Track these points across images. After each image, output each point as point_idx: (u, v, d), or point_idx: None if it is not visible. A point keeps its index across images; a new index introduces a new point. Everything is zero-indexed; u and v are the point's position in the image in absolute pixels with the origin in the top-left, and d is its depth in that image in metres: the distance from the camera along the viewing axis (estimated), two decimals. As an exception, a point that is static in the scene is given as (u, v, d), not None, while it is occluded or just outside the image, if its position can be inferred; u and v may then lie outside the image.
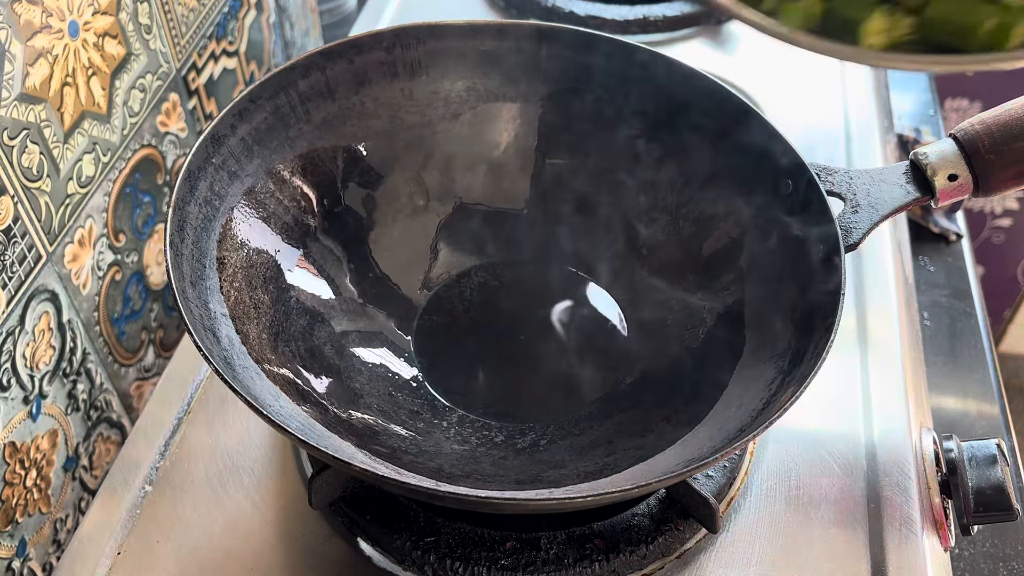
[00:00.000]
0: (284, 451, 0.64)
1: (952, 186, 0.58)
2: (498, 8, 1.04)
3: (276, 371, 0.58)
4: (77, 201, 0.67)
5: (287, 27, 1.03)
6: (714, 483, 0.59)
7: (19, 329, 0.61)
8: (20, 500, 0.64)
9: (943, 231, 0.95)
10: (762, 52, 0.98)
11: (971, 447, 0.60)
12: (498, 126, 0.72)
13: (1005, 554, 0.68)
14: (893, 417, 0.65)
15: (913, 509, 0.59)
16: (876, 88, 0.94)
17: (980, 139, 0.57)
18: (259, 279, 0.61)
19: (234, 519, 0.60)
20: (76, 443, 0.70)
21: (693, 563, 0.57)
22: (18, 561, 0.65)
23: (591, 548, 0.56)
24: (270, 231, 0.63)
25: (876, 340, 0.70)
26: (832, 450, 0.63)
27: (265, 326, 0.60)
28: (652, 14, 0.99)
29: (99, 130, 0.68)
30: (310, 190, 0.66)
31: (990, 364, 0.83)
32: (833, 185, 0.60)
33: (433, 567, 0.56)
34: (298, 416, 0.55)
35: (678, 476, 0.48)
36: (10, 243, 0.59)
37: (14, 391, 0.62)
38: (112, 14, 0.68)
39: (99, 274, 0.71)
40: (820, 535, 0.58)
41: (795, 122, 0.87)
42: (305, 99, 0.66)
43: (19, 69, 0.58)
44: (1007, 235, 1.80)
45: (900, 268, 0.78)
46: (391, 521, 0.57)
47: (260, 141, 0.63)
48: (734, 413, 0.56)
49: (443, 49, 0.69)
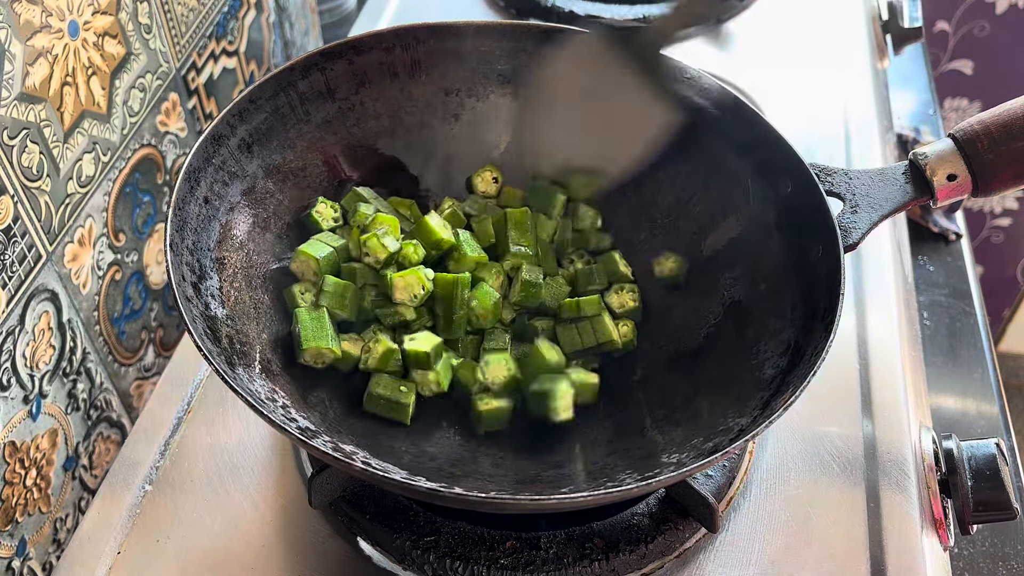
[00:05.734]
0: (284, 451, 0.64)
1: (951, 186, 0.58)
2: (498, 8, 1.04)
3: (276, 371, 0.58)
4: (77, 201, 0.67)
5: (287, 27, 1.03)
6: (714, 483, 0.59)
7: (19, 329, 0.61)
8: (20, 499, 0.64)
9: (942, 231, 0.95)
10: (762, 52, 0.98)
11: (970, 447, 0.60)
12: (498, 126, 0.72)
13: (1004, 553, 0.68)
14: (892, 417, 0.65)
15: (912, 508, 0.59)
16: (876, 88, 0.95)
17: (979, 139, 0.57)
18: (259, 279, 0.61)
19: (234, 519, 0.60)
20: (76, 442, 0.70)
21: (692, 562, 0.57)
22: (18, 560, 0.65)
23: (591, 547, 0.56)
24: (270, 231, 0.63)
25: (876, 340, 0.70)
26: (832, 450, 0.63)
27: (265, 326, 0.60)
28: (652, 14, 0.99)
29: (99, 130, 0.68)
30: (310, 190, 0.66)
31: (989, 364, 0.83)
32: (832, 185, 0.60)
33: (433, 566, 0.56)
34: (298, 416, 0.55)
35: (678, 476, 0.48)
36: (10, 243, 0.60)
37: (14, 390, 0.62)
38: (112, 14, 0.68)
39: (99, 274, 0.71)
40: (819, 534, 0.58)
41: (795, 122, 0.87)
42: (305, 99, 0.66)
43: (19, 69, 0.58)
44: (1006, 235, 1.80)
45: (900, 268, 0.79)
46: (391, 521, 0.57)
47: (260, 141, 0.63)
48: (733, 413, 0.56)
49: (443, 49, 0.69)
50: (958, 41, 1.60)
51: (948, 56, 1.62)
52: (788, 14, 1.04)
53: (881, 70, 1.00)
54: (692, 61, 0.67)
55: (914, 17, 1.00)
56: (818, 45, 0.99)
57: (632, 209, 0.70)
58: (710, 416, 0.57)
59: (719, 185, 0.66)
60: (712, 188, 0.67)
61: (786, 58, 0.98)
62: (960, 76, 1.64)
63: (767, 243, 0.63)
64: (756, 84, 0.92)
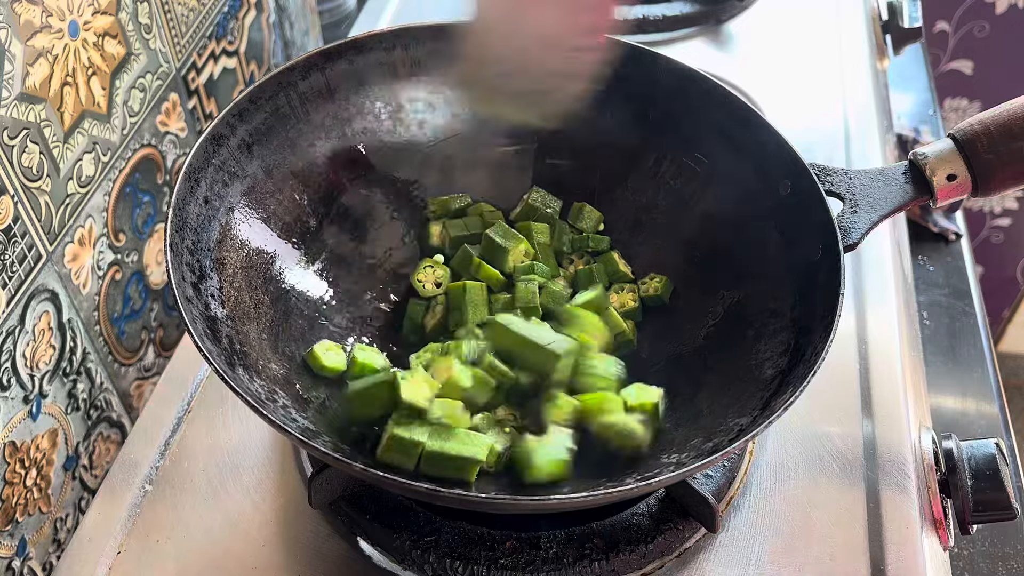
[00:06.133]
0: (284, 451, 0.64)
1: (951, 186, 0.58)
2: (498, 8, 1.04)
3: (276, 371, 0.58)
4: (77, 201, 0.67)
5: (287, 27, 1.03)
6: (714, 483, 0.59)
7: (19, 329, 0.61)
8: (20, 499, 0.64)
9: (942, 231, 0.95)
10: (762, 52, 0.98)
11: (970, 447, 0.61)
12: (498, 126, 0.72)
13: (1004, 553, 0.68)
14: (892, 417, 0.65)
15: (912, 508, 0.59)
16: (876, 88, 0.95)
17: (979, 139, 0.57)
18: (259, 279, 0.61)
19: (234, 519, 0.60)
20: (76, 442, 0.70)
21: (692, 562, 0.57)
22: (18, 560, 0.65)
23: (591, 547, 0.56)
24: (270, 231, 0.63)
25: (875, 340, 0.70)
26: (831, 450, 0.63)
27: (265, 326, 0.60)
28: (652, 14, 0.99)
29: (99, 130, 0.69)
30: (310, 190, 0.67)
31: (989, 364, 0.83)
32: (832, 185, 0.60)
33: (433, 566, 0.56)
34: (298, 416, 0.55)
35: (678, 476, 0.48)
36: (10, 243, 0.60)
37: (14, 390, 0.62)
38: (112, 14, 0.68)
39: (99, 274, 0.71)
40: (819, 534, 0.58)
41: (795, 122, 0.87)
42: (305, 99, 0.66)
43: (19, 69, 0.58)
44: (1006, 235, 1.80)
45: (899, 268, 0.79)
46: (391, 520, 0.57)
47: (260, 141, 0.63)
48: (734, 413, 0.56)
49: (443, 49, 0.69)
50: (958, 41, 1.60)
51: (948, 56, 1.62)
52: (788, 14, 1.04)
53: (881, 70, 1.00)
54: (692, 61, 0.67)
55: (914, 17, 1.00)
56: (818, 45, 0.99)
57: (632, 210, 0.70)
58: (710, 416, 0.58)
59: (719, 185, 0.66)
60: (712, 188, 0.67)
61: (786, 58, 0.98)
62: (960, 76, 1.64)
63: (767, 243, 0.63)
64: (756, 84, 0.92)
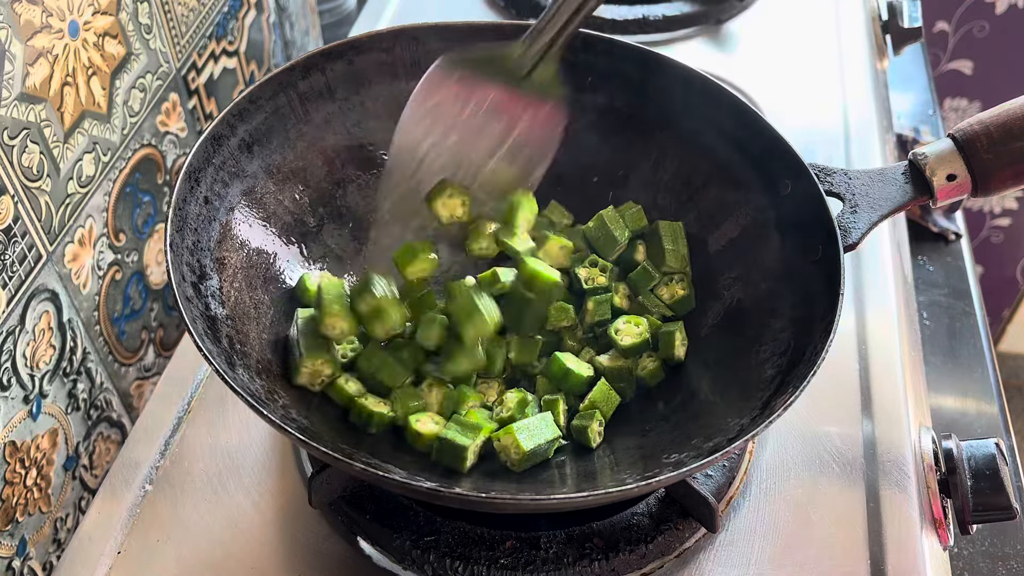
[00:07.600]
0: (284, 451, 0.64)
1: (951, 186, 0.58)
2: (498, 8, 1.04)
3: (276, 371, 0.58)
4: (77, 201, 0.67)
5: (287, 27, 1.03)
6: (714, 483, 0.59)
7: (19, 328, 0.62)
8: (20, 499, 0.64)
9: (942, 231, 0.95)
10: (762, 52, 0.98)
11: (970, 447, 0.61)
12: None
13: (1004, 553, 0.68)
14: (892, 417, 0.65)
15: (912, 508, 0.59)
16: (875, 88, 0.95)
17: (978, 139, 0.57)
18: (259, 279, 0.61)
19: (234, 519, 0.60)
20: (76, 442, 0.70)
21: (692, 562, 0.57)
22: (18, 560, 0.65)
23: (590, 547, 0.56)
24: (270, 231, 0.63)
25: (875, 340, 0.70)
26: (831, 450, 0.63)
27: (265, 326, 0.60)
28: (652, 14, 0.99)
29: (99, 130, 0.69)
30: (310, 190, 0.67)
31: (989, 364, 0.83)
32: (832, 185, 0.60)
33: (433, 566, 0.56)
34: (298, 416, 0.55)
35: (678, 476, 0.48)
36: (10, 243, 0.60)
37: (14, 390, 0.62)
38: (112, 14, 0.68)
39: (99, 274, 0.71)
40: (819, 534, 0.58)
41: (795, 122, 0.87)
42: (305, 99, 0.66)
43: (19, 69, 0.58)
44: (1006, 235, 1.80)
45: (899, 268, 0.79)
46: (391, 520, 0.57)
47: (260, 141, 0.63)
48: (734, 413, 0.56)
49: (443, 49, 0.69)
50: (958, 41, 1.60)
51: (948, 56, 1.62)
52: (788, 14, 1.04)
53: (881, 70, 1.00)
54: (692, 61, 0.67)
55: (914, 17, 1.00)
56: (818, 45, 0.99)
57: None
58: (710, 416, 0.58)
59: (719, 186, 0.66)
60: (712, 188, 0.67)
61: (786, 58, 0.98)
62: (960, 76, 1.64)
63: (767, 243, 0.63)
64: (756, 84, 0.92)
